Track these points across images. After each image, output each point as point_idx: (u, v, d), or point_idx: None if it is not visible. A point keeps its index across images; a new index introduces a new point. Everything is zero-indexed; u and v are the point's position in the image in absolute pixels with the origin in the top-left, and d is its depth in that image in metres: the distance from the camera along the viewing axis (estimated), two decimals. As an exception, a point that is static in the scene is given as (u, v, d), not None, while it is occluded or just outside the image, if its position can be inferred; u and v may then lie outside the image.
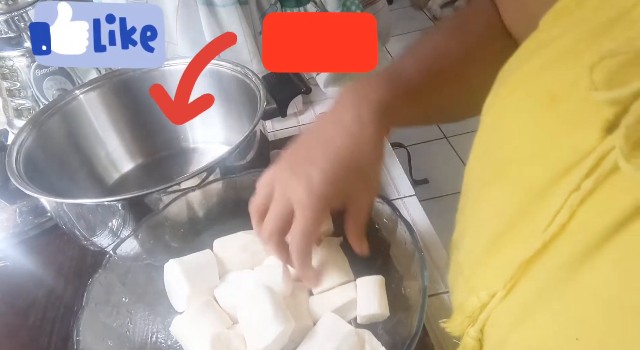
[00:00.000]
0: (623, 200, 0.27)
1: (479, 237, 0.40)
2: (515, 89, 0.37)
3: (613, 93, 0.27)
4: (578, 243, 0.30)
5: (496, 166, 0.38)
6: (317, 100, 0.93)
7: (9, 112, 0.85)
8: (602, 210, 0.29)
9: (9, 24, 0.75)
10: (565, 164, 0.31)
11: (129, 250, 0.50)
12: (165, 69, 0.73)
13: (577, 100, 0.31)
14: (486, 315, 0.38)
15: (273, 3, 0.87)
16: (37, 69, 0.78)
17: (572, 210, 0.30)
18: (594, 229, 0.29)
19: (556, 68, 0.34)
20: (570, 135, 0.31)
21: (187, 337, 0.46)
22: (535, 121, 0.34)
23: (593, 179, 0.29)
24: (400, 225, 0.47)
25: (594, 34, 0.32)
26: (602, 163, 0.28)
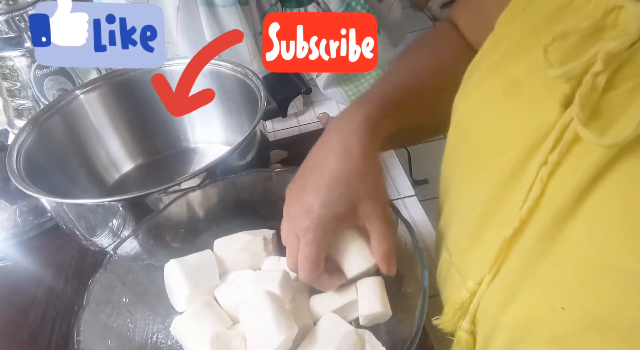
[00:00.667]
0: (587, 165, 0.29)
1: (462, 227, 0.41)
2: (479, 83, 0.39)
3: (566, 67, 0.30)
4: (550, 213, 0.31)
5: (469, 157, 0.40)
6: (317, 101, 0.93)
7: (9, 112, 0.85)
8: (569, 178, 0.30)
9: (9, 24, 0.75)
10: (532, 142, 0.33)
11: (130, 250, 0.50)
12: (165, 69, 0.73)
13: (536, 81, 0.33)
14: (476, 304, 0.39)
15: (273, 3, 0.87)
16: (37, 69, 0.78)
17: (543, 184, 0.32)
18: (563, 197, 0.30)
19: (514, 57, 0.36)
20: (534, 114, 0.33)
21: (187, 337, 0.46)
22: (500, 107, 0.36)
23: (558, 151, 0.31)
24: (400, 225, 0.47)
25: (544, 23, 0.35)
26: (565, 134, 0.31)
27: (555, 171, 0.31)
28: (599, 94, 0.29)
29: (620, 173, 0.28)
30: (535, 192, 0.32)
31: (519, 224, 0.33)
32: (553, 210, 0.31)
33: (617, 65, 0.29)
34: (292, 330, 0.42)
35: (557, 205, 0.31)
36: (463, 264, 0.41)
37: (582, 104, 0.29)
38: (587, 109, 0.29)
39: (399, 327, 0.44)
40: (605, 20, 0.30)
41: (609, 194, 0.29)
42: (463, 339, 0.42)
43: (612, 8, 0.30)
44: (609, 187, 0.29)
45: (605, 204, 0.29)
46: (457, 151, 0.43)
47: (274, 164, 0.77)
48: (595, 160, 0.29)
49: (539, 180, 0.32)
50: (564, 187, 0.31)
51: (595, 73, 0.29)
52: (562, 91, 0.31)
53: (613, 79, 0.29)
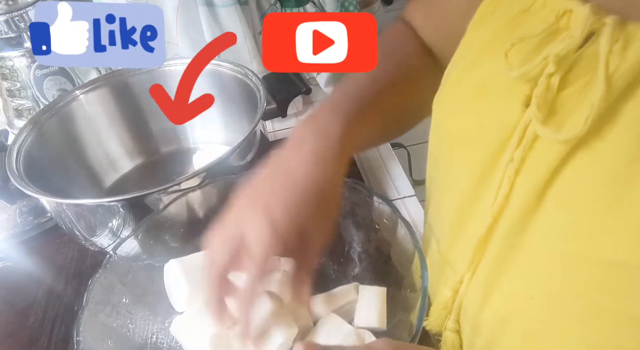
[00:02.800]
0: (547, 160, 0.31)
1: (444, 226, 0.43)
2: (453, 84, 0.41)
3: (522, 69, 0.32)
4: (518, 208, 0.33)
5: (447, 157, 0.42)
6: (317, 101, 0.93)
7: (9, 113, 0.85)
8: (532, 173, 0.32)
9: (9, 24, 0.75)
10: (499, 140, 0.35)
11: (129, 251, 0.50)
12: (165, 69, 0.73)
13: (501, 83, 0.35)
14: (459, 302, 0.41)
15: (273, 3, 0.87)
16: (37, 69, 0.78)
17: (510, 181, 0.34)
18: (527, 192, 0.32)
19: (482, 60, 0.38)
20: (499, 114, 0.35)
21: (187, 337, 0.46)
22: (470, 109, 0.38)
23: (521, 148, 0.33)
24: (400, 226, 0.47)
25: (507, 27, 0.36)
26: (526, 132, 0.33)
27: (520, 168, 0.33)
28: (553, 94, 0.31)
29: (576, 166, 0.30)
30: (504, 188, 0.34)
31: (491, 220, 0.35)
32: (520, 205, 0.33)
33: (568, 66, 0.31)
34: (292, 330, 0.42)
35: (523, 200, 0.33)
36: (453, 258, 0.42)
37: (538, 104, 0.31)
38: (543, 108, 0.31)
39: (399, 326, 0.44)
40: (558, 24, 0.32)
41: (567, 186, 0.31)
42: (449, 339, 0.43)
43: (563, 12, 0.32)
44: (567, 180, 0.31)
45: (564, 195, 0.31)
46: (437, 151, 0.44)
47: (273, 164, 0.77)
48: (554, 155, 0.31)
49: (507, 177, 0.34)
50: (528, 183, 0.32)
51: (549, 74, 0.31)
52: (522, 92, 0.33)
53: (566, 79, 0.31)
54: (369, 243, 0.51)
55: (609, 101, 0.28)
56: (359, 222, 0.52)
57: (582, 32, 0.30)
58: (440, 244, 0.44)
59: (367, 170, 0.76)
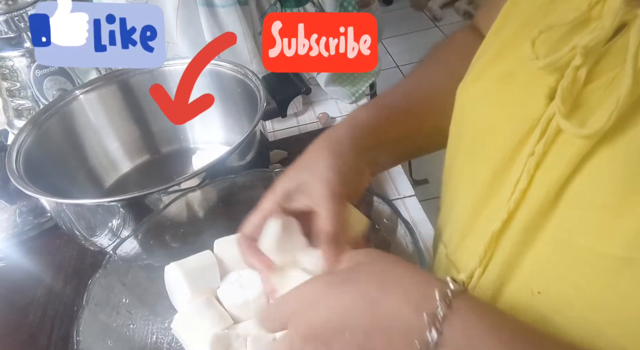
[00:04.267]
0: (569, 155, 0.30)
1: (457, 221, 0.42)
2: (478, 75, 0.39)
3: (548, 60, 0.31)
4: (536, 203, 0.32)
5: (466, 148, 0.41)
6: (317, 101, 0.93)
7: (9, 113, 0.85)
8: (553, 168, 0.31)
9: (9, 24, 0.75)
10: (521, 133, 0.34)
11: (129, 251, 0.50)
12: (165, 69, 0.73)
13: (527, 74, 0.34)
14: None
15: (273, 3, 0.87)
16: (37, 69, 0.78)
17: (530, 175, 0.33)
18: (547, 187, 0.31)
19: (509, 50, 0.37)
20: (522, 106, 0.34)
21: (187, 335, 0.46)
22: (493, 99, 0.37)
23: (543, 142, 0.32)
24: (400, 226, 0.47)
25: (537, 15, 0.35)
26: (549, 126, 0.31)
27: (541, 162, 0.32)
28: (579, 87, 0.30)
29: (596, 162, 0.29)
30: (522, 183, 0.33)
31: (507, 216, 0.34)
32: (538, 201, 0.32)
33: (596, 58, 0.30)
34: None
35: (542, 195, 0.32)
36: (457, 257, 0.42)
37: (563, 97, 0.30)
38: (568, 102, 0.30)
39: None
40: (590, 13, 0.31)
41: (586, 181, 0.30)
42: None
43: (597, 1, 0.30)
44: (587, 176, 0.30)
45: (583, 191, 0.30)
46: (457, 143, 0.43)
47: (273, 164, 0.77)
48: (577, 150, 0.30)
49: (526, 171, 0.33)
50: (548, 178, 0.31)
51: (576, 66, 0.30)
52: (547, 83, 0.32)
53: (593, 72, 0.30)
54: (369, 243, 0.51)
55: (636, 96, 0.27)
56: (359, 222, 0.52)
57: (612, 23, 0.29)
58: (448, 247, 0.43)
59: (367, 170, 0.76)
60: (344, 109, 0.91)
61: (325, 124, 0.87)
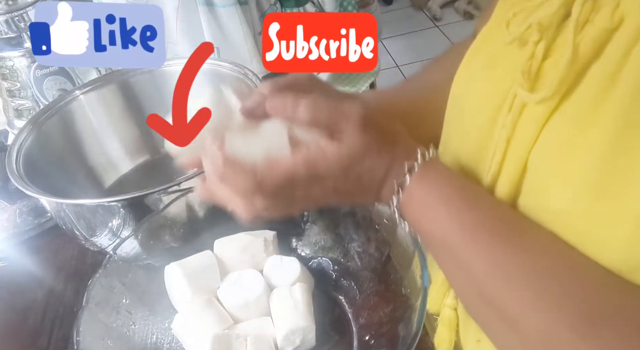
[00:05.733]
0: (532, 124, 0.32)
1: None
2: (468, 58, 0.41)
3: (512, 34, 0.33)
4: (511, 176, 0.34)
5: (458, 124, 0.42)
6: (317, 101, 0.93)
7: (9, 113, 0.85)
8: (520, 139, 0.33)
9: (9, 25, 0.75)
10: (493, 108, 0.35)
11: (129, 251, 0.50)
12: (165, 69, 0.73)
13: (505, 54, 0.36)
14: None
15: (273, 3, 0.87)
16: (37, 69, 0.78)
17: (503, 149, 0.34)
18: (517, 159, 0.33)
19: (494, 33, 0.39)
20: (495, 83, 0.36)
21: (188, 335, 0.46)
22: (478, 80, 0.39)
23: (510, 115, 0.34)
24: (400, 226, 0.46)
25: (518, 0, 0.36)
26: (515, 100, 0.33)
27: (512, 136, 0.34)
28: (539, 62, 0.32)
29: (548, 129, 0.31)
30: (497, 157, 0.35)
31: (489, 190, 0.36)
32: (511, 170, 0.34)
33: (552, 35, 0.32)
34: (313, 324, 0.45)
35: (512, 165, 0.34)
36: None
37: (522, 70, 0.32)
38: (527, 74, 0.32)
39: (399, 327, 0.44)
40: None
41: (544, 147, 0.32)
42: (446, 316, 0.43)
43: None
44: (544, 143, 0.32)
45: (542, 156, 0.32)
46: (450, 123, 0.44)
47: (273, 164, 0.76)
48: (536, 119, 0.32)
49: (499, 143, 0.34)
50: (517, 148, 0.33)
51: (534, 42, 0.32)
52: (516, 60, 0.34)
53: (551, 48, 0.32)
54: (369, 243, 0.51)
55: (578, 66, 0.30)
56: (359, 222, 0.52)
57: (559, 1, 0.31)
58: None
59: (367, 170, 0.76)
60: (344, 109, 0.91)
61: (325, 124, 0.87)
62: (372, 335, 0.48)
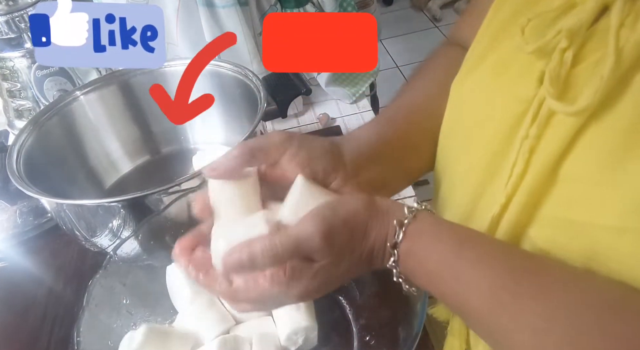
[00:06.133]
0: (561, 135, 0.31)
1: (457, 208, 0.42)
2: (472, 67, 0.40)
3: (536, 44, 0.32)
4: (533, 186, 0.33)
5: (462, 138, 0.41)
6: (317, 102, 0.93)
7: (9, 113, 0.85)
8: (547, 149, 0.32)
9: (9, 25, 0.75)
10: (514, 117, 0.34)
11: (130, 251, 0.50)
12: (165, 69, 0.73)
13: (518, 61, 0.35)
14: None
15: (273, 4, 0.87)
16: (37, 69, 0.78)
17: (525, 158, 0.33)
18: (543, 169, 0.32)
19: (500, 40, 0.38)
20: (514, 92, 0.35)
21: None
22: (488, 89, 0.38)
23: (536, 124, 0.32)
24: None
25: (526, 5, 0.36)
26: (541, 109, 0.32)
27: (536, 145, 0.33)
28: (567, 69, 0.31)
29: (589, 138, 0.30)
30: (519, 166, 0.34)
31: (505, 200, 0.35)
32: (534, 181, 0.33)
33: (581, 41, 0.31)
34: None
35: (537, 175, 0.33)
36: None
37: (551, 79, 0.31)
38: (556, 83, 0.31)
39: (400, 328, 0.44)
40: None
41: (578, 159, 0.31)
42: (456, 326, 0.42)
43: None
44: (578, 153, 0.31)
45: (575, 168, 0.31)
46: (451, 136, 0.43)
47: (274, 164, 0.76)
48: (568, 129, 0.31)
49: (522, 154, 0.33)
50: (543, 157, 0.32)
51: (562, 49, 0.31)
52: (538, 68, 0.33)
53: (580, 54, 0.31)
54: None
55: (620, 73, 0.29)
56: (359, 222, 0.52)
57: (593, 5, 0.30)
58: None
59: (368, 171, 0.76)
60: (344, 110, 0.91)
61: (326, 125, 0.87)
62: (372, 336, 0.48)
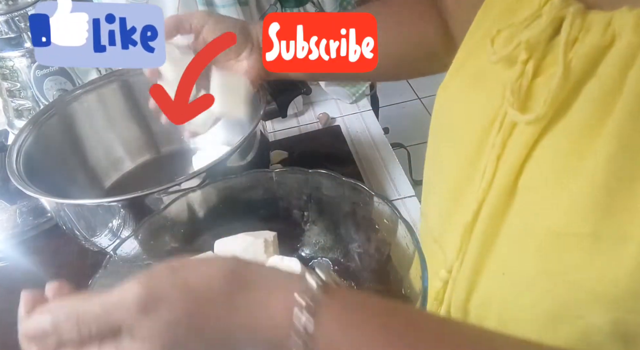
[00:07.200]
0: (521, 143, 0.32)
1: (438, 211, 0.43)
2: (454, 72, 0.41)
3: (499, 53, 0.33)
4: (499, 192, 0.34)
5: (442, 146, 0.43)
6: (317, 101, 0.93)
7: (9, 113, 0.85)
8: (510, 157, 0.33)
9: (9, 25, 0.75)
10: (483, 127, 0.35)
11: (129, 251, 0.50)
12: (165, 69, 0.73)
13: (492, 72, 0.36)
14: (449, 292, 0.40)
15: (273, 3, 0.87)
16: (37, 69, 0.78)
17: (493, 167, 0.34)
18: (507, 175, 0.33)
19: (478, 50, 0.38)
20: (484, 101, 0.36)
21: None
22: (465, 97, 0.39)
23: (501, 134, 0.34)
24: (400, 226, 0.46)
25: (505, 15, 0.37)
26: (505, 119, 0.34)
27: (501, 154, 0.34)
28: (529, 80, 0.32)
29: (542, 146, 0.32)
30: (487, 174, 0.35)
31: (476, 206, 0.36)
32: (500, 189, 0.34)
33: (541, 53, 0.32)
34: None
35: (503, 183, 0.34)
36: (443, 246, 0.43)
37: (512, 90, 0.32)
38: (517, 94, 0.32)
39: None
40: (541, 11, 0.33)
41: (536, 165, 0.32)
42: None
43: (546, 1, 0.33)
44: (536, 160, 0.32)
45: (533, 175, 0.32)
46: (435, 138, 0.44)
47: (274, 164, 0.77)
48: (527, 137, 0.32)
49: (489, 163, 0.35)
50: (507, 166, 0.33)
51: (523, 61, 0.32)
52: (504, 78, 0.34)
53: (540, 66, 0.32)
54: (369, 243, 0.51)
55: (569, 85, 0.30)
56: (359, 222, 0.52)
57: (547, 19, 0.31)
58: (433, 233, 0.44)
59: (367, 170, 0.76)
60: (344, 109, 0.91)
61: (326, 124, 0.87)
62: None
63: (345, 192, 0.50)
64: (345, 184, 0.50)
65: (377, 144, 0.82)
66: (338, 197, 0.51)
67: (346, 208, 0.52)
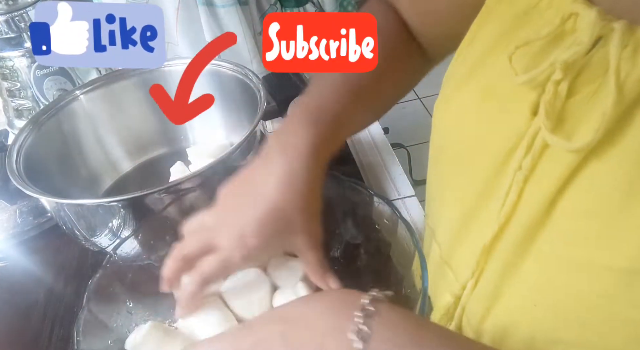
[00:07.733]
0: (558, 169, 0.30)
1: (449, 227, 0.42)
2: (458, 87, 0.39)
3: (528, 75, 0.31)
4: (528, 217, 0.32)
5: (451, 164, 0.41)
6: (317, 101, 0.93)
7: (9, 113, 0.85)
8: (543, 182, 0.31)
9: (9, 24, 0.75)
10: (507, 148, 0.34)
11: (129, 251, 0.50)
12: (165, 69, 0.73)
13: (508, 87, 0.34)
14: (460, 310, 0.40)
15: (273, 3, 0.87)
16: (37, 69, 0.78)
17: (519, 189, 0.33)
18: (538, 201, 0.32)
19: (486, 63, 0.37)
20: (505, 121, 0.34)
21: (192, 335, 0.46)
22: (475, 114, 0.37)
23: (530, 157, 0.32)
24: (400, 226, 0.46)
25: (512, 27, 0.35)
26: (535, 141, 0.32)
27: (530, 176, 0.32)
28: (562, 101, 0.30)
29: (588, 175, 0.29)
30: (512, 197, 0.33)
31: (497, 229, 0.34)
32: (530, 213, 0.32)
33: (575, 72, 0.30)
34: None
35: (533, 208, 0.32)
36: (452, 262, 0.42)
37: (547, 112, 0.30)
38: (552, 116, 0.30)
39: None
40: (563, 27, 0.31)
41: (579, 194, 0.30)
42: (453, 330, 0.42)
43: (569, 15, 0.31)
44: (579, 188, 0.30)
45: (575, 203, 0.30)
46: (440, 155, 0.43)
47: (274, 164, 0.76)
48: (566, 164, 0.30)
49: (515, 185, 0.33)
50: (539, 191, 0.32)
51: (557, 81, 0.30)
52: (529, 98, 0.32)
53: (574, 86, 0.30)
54: (369, 243, 0.51)
55: (621, 108, 0.28)
56: (359, 222, 0.52)
57: (590, 38, 0.29)
58: (442, 248, 0.44)
59: (367, 170, 0.76)
60: (344, 109, 0.91)
61: (326, 124, 0.87)
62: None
63: (345, 192, 0.50)
64: (345, 183, 0.50)
65: (377, 144, 0.82)
66: (338, 197, 0.51)
67: (346, 208, 0.52)
